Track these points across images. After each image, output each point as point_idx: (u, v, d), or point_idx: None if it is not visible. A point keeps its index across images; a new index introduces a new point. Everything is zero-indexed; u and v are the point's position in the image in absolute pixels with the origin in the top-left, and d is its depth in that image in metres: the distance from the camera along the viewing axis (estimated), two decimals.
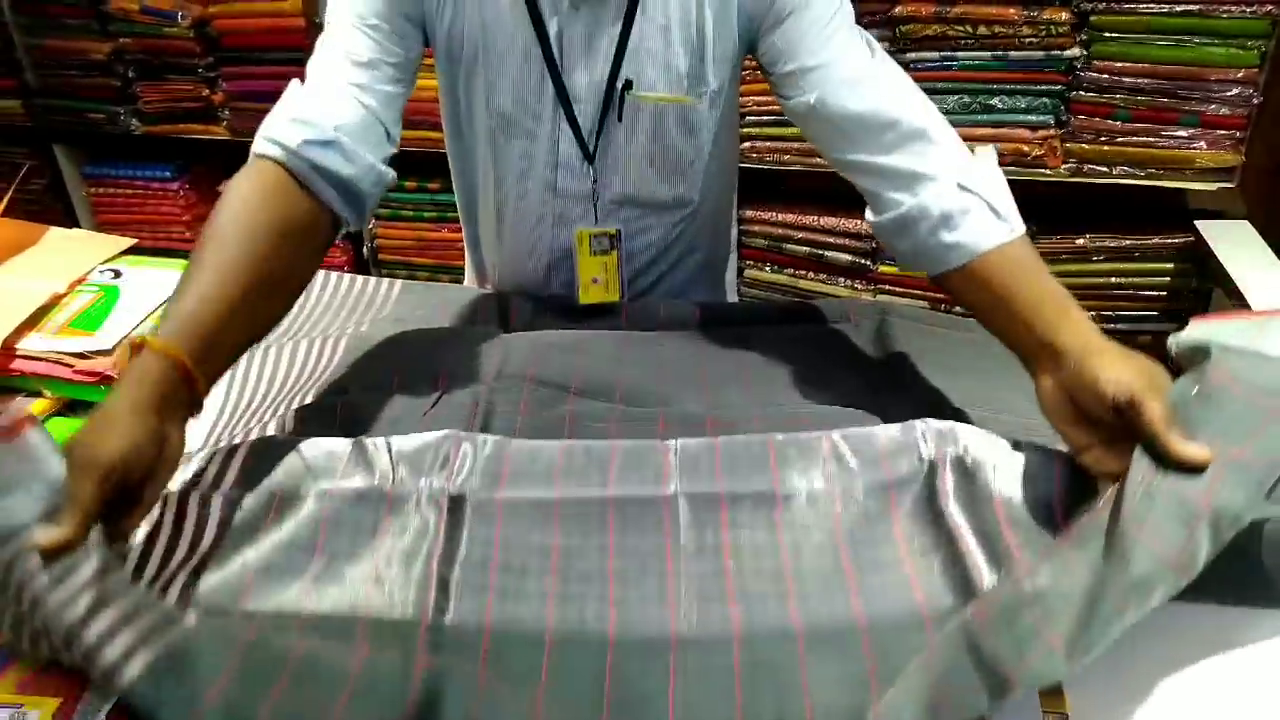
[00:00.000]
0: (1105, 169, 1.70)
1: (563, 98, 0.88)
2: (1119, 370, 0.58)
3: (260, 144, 0.75)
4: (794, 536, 0.61)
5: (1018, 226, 0.72)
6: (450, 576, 0.60)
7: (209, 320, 0.65)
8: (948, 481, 0.62)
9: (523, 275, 1.04)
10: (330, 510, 0.63)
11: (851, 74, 0.80)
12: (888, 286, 1.94)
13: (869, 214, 0.81)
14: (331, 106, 0.77)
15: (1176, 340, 0.62)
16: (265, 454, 0.67)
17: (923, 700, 0.51)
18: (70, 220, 2.28)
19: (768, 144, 1.85)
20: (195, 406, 0.64)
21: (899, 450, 0.65)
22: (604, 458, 0.66)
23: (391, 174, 0.82)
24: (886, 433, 0.66)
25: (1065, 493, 0.61)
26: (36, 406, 0.88)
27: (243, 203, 0.72)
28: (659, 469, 0.65)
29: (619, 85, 0.88)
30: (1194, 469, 0.53)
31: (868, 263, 1.91)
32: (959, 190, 0.73)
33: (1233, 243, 1.61)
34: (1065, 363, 0.62)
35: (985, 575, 0.57)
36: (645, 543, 0.61)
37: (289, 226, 0.73)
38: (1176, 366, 0.61)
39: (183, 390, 0.62)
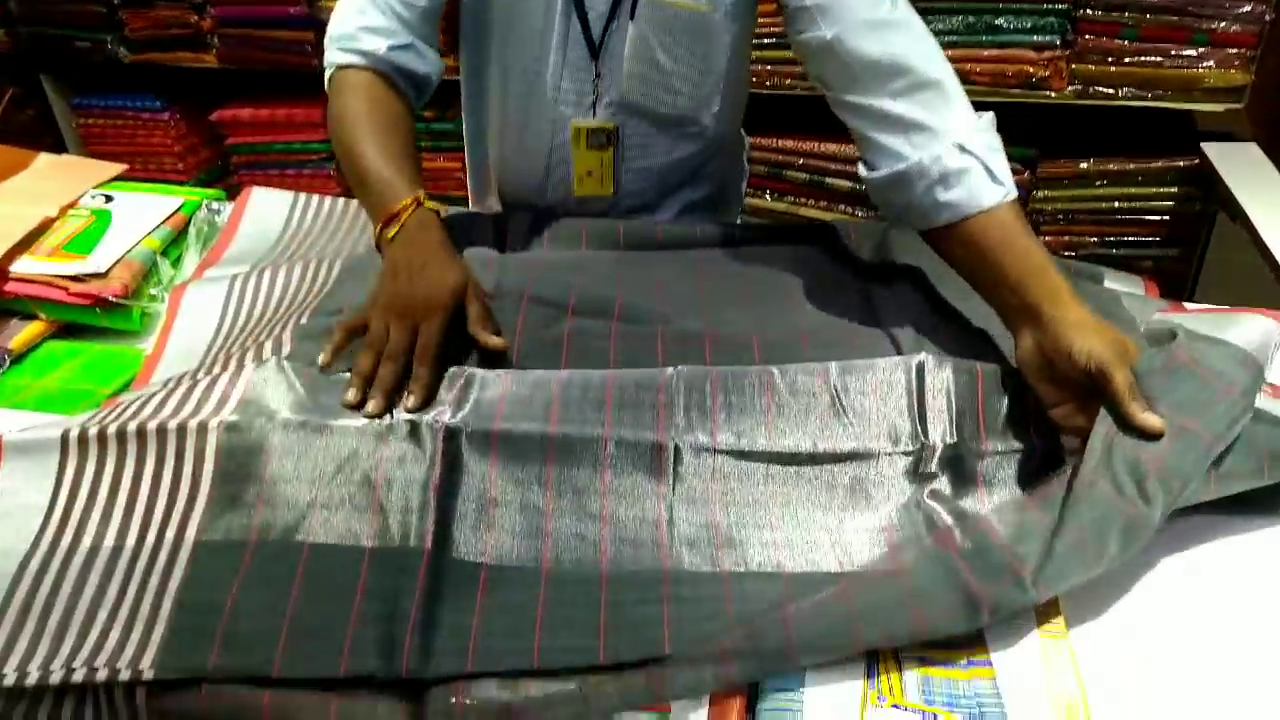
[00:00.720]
0: (1111, 90, 1.66)
1: None
2: (1092, 341, 0.64)
3: (340, 55, 0.88)
4: (785, 491, 0.65)
5: (1011, 191, 0.74)
6: (451, 509, 0.62)
7: (417, 178, 0.83)
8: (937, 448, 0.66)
9: (523, 171, 1.03)
10: (330, 440, 0.66)
11: (872, 16, 0.77)
12: (884, 224, 1.91)
13: (862, 169, 0.82)
14: (391, 13, 0.87)
15: (1148, 322, 0.75)
16: (264, 381, 0.70)
17: (905, 617, 0.55)
18: (60, 152, 2.25)
19: (768, 68, 1.81)
20: None
21: (892, 394, 0.68)
22: (600, 397, 0.68)
23: (443, 64, 0.94)
24: (887, 374, 0.69)
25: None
26: (33, 329, 0.88)
27: (364, 98, 0.86)
28: (655, 413, 0.67)
29: None
30: (1151, 436, 0.60)
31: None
32: (959, 152, 0.74)
33: (1239, 166, 1.58)
34: (1045, 328, 0.67)
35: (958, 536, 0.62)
36: (640, 486, 0.64)
37: (400, 113, 0.89)
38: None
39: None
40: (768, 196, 2.00)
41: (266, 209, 1.07)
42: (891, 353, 0.75)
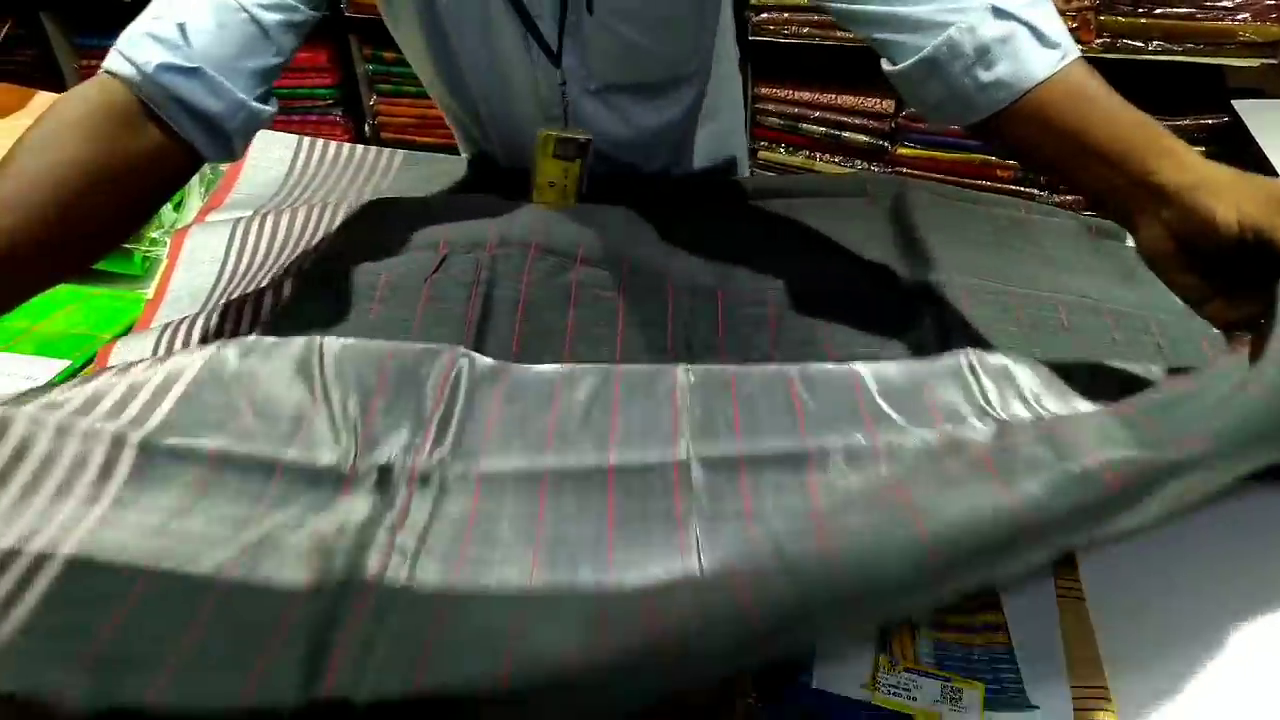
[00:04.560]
0: (1140, 44, 1.61)
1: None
2: (1238, 199, 0.49)
3: (113, 57, 0.62)
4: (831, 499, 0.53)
5: (1070, 50, 0.59)
6: (410, 546, 0.50)
7: None
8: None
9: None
10: (270, 488, 0.53)
11: None
12: (906, 170, 1.88)
13: (885, 64, 0.67)
14: (205, 20, 0.63)
15: None
16: (201, 386, 0.58)
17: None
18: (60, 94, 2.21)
19: (784, 15, 1.76)
20: None
21: (949, 400, 0.58)
22: (606, 416, 0.59)
23: (270, 111, 0.68)
24: (932, 376, 0.61)
25: None
26: None
27: (69, 128, 0.59)
28: (667, 427, 0.58)
29: None
30: None
31: (885, 144, 1.85)
32: (995, 16, 0.59)
33: (1272, 124, 1.54)
34: (1169, 201, 0.51)
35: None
36: (652, 507, 0.53)
37: (127, 159, 0.61)
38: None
39: None
40: (781, 150, 1.97)
41: (270, 153, 1.04)
42: (911, 312, 0.72)
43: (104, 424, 0.54)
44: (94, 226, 0.61)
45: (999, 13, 0.59)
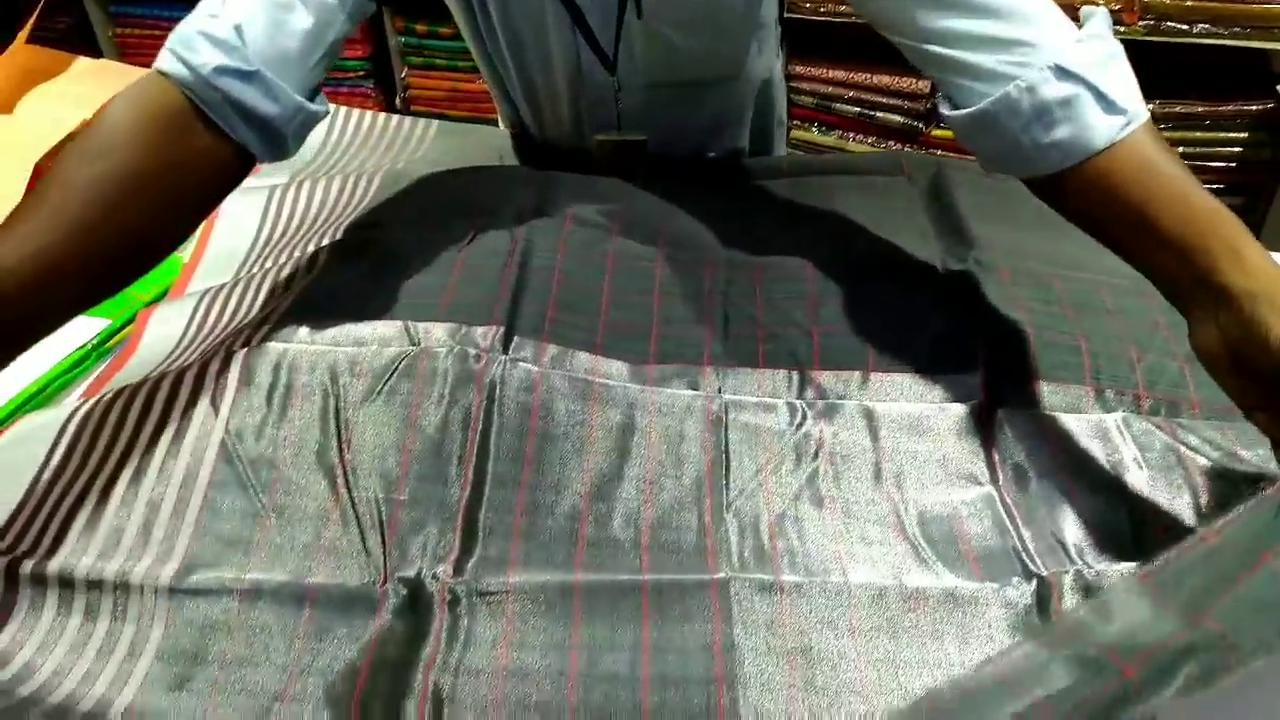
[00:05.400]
0: (1185, 27, 1.58)
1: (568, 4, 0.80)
2: None
3: (165, 57, 0.60)
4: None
5: (1137, 115, 0.55)
6: (446, 687, 0.49)
7: (26, 284, 0.51)
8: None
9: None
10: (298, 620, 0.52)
11: None
12: (940, 152, 1.85)
13: (943, 106, 0.64)
14: (260, 22, 0.61)
15: None
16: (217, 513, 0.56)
17: None
18: None
19: None
20: (7, 357, 0.53)
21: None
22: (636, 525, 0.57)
23: (323, 110, 0.66)
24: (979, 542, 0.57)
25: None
26: None
27: (119, 135, 0.57)
28: (701, 544, 0.56)
29: None
30: None
31: (920, 125, 1.83)
32: (1058, 76, 0.55)
33: None
34: (1229, 305, 0.48)
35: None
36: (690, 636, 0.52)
37: (178, 168, 0.59)
38: None
39: None
40: (815, 130, 1.95)
41: None
42: (950, 291, 0.72)
43: (133, 567, 0.53)
44: (143, 238, 0.59)
45: (1063, 73, 0.55)
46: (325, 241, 0.79)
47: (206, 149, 0.61)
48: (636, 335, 0.68)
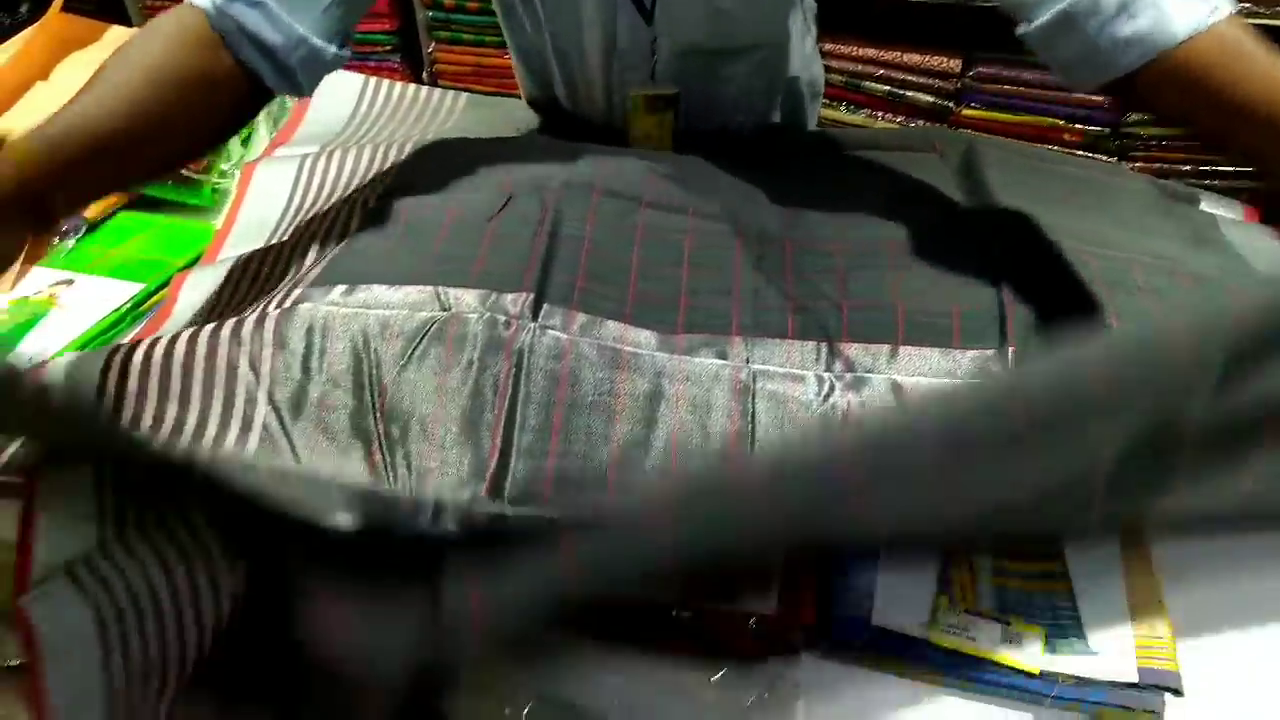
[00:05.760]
0: None
1: None
2: None
3: None
4: None
5: (1222, 3, 0.56)
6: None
7: (84, 142, 0.59)
8: None
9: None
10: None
11: None
12: (970, 133, 1.83)
13: (1019, 28, 0.65)
14: None
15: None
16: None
17: None
18: None
19: None
20: (40, 226, 0.60)
21: None
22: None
23: (335, 53, 0.70)
24: None
25: None
26: (108, 198, 0.89)
27: (161, 39, 0.65)
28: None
29: None
30: None
31: (950, 104, 1.80)
32: None
33: None
34: None
35: None
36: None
37: (202, 79, 0.65)
38: None
39: (27, 204, 0.58)
40: (843, 109, 1.93)
41: (337, 91, 1.05)
42: (981, 268, 0.71)
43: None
44: (174, 132, 0.65)
45: None
46: (355, 209, 0.80)
47: (227, 71, 0.67)
48: (665, 305, 0.68)
